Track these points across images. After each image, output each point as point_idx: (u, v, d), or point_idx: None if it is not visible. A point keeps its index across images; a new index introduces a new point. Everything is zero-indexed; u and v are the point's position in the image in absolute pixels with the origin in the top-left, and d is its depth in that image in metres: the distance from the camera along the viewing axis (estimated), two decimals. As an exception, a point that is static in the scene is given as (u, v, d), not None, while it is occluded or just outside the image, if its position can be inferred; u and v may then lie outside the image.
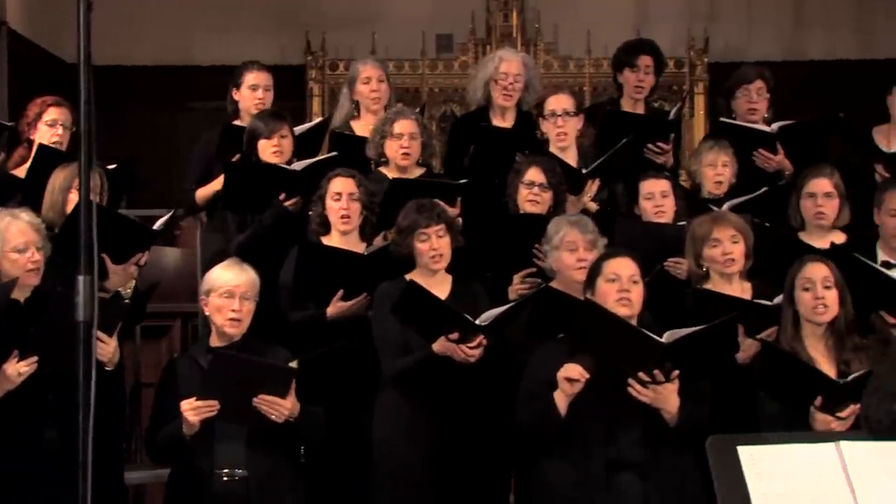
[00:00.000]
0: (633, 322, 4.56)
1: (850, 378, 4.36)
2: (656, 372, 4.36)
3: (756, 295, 4.99)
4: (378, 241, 5.48)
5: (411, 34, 10.13)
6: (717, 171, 5.83)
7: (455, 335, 4.79)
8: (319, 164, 5.69)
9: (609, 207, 5.85)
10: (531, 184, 5.47)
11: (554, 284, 5.07)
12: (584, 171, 5.70)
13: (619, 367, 4.40)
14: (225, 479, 4.69)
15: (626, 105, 6.44)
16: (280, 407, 4.59)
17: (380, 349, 5.03)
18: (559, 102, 5.88)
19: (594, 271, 4.67)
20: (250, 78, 6.27)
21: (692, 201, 5.70)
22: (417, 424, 4.96)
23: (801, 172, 5.66)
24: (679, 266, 5.28)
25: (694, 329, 4.34)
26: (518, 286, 5.31)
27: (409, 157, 5.78)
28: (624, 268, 4.60)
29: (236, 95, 6.29)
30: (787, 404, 4.47)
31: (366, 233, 5.50)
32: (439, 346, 4.83)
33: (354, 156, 5.85)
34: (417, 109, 6.40)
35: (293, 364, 4.67)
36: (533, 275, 5.31)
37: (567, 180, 5.63)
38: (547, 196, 5.47)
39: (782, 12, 10.92)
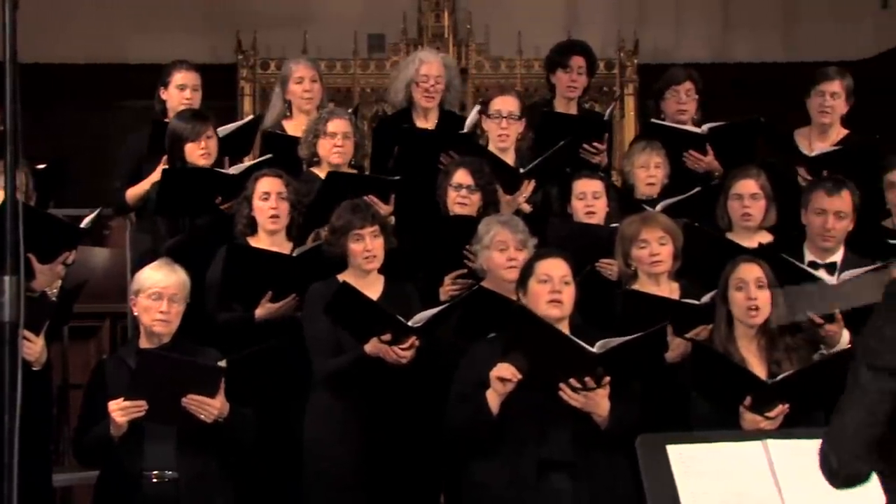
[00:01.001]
0: (565, 323, 4.58)
1: (778, 378, 4.42)
2: (588, 378, 4.38)
3: (684, 295, 5.03)
4: (310, 241, 5.45)
5: (343, 34, 10.11)
6: (649, 172, 5.88)
7: (387, 336, 4.79)
8: (255, 167, 5.66)
9: (543, 208, 5.87)
10: (459, 186, 5.48)
11: (484, 284, 5.09)
12: (521, 170, 5.72)
13: (550, 372, 4.42)
14: (154, 480, 4.65)
15: (559, 106, 6.48)
16: (209, 407, 4.56)
17: (311, 349, 5.01)
18: (505, 104, 5.88)
19: (526, 271, 4.69)
20: (178, 77, 6.22)
21: (626, 202, 5.74)
22: (349, 425, 4.95)
23: (729, 173, 5.72)
24: (610, 267, 5.32)
25: (626, 339, 4.36)
26: (449, 287, 5.32)
27: (343, 156, 5.77)
28: (556, 269, 4.62)
29: (164, 95, 6.25)
30: (718, 404, 4.52)
31: (293, 234, 5.47)
32: (371, 347, 4.83)
33: (286, 156, 5.83)
34: (351, 109, 6.39)
35: (222, 364, 4.64)
36: (464, 276, 5.32)
37: (503, 179, 5.65)
38: (475, 198, 5.48)
39: (710, 15, 11.03)
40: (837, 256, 5.28)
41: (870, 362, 2.64)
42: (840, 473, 2.66)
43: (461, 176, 5.49)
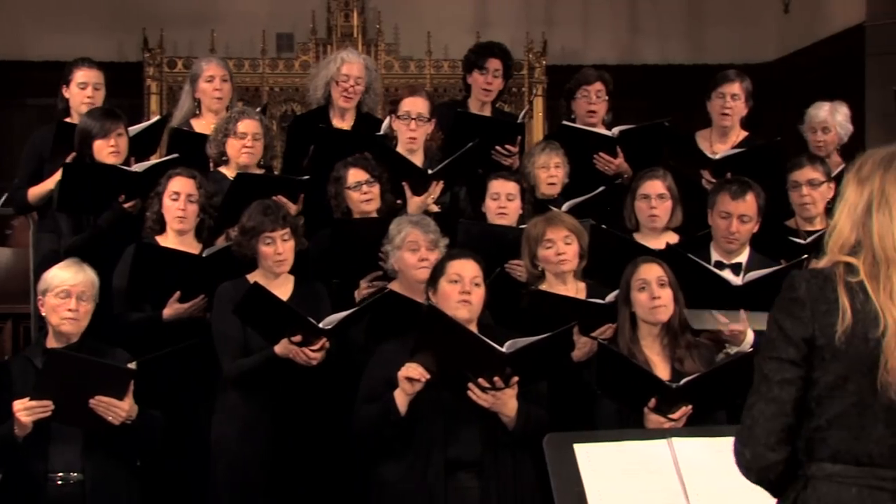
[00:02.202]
0: (473, 324, 4.60)
1: (682, 382, 4.48)
2: (496, 378, 4.40)
3: (590, 294, 5.07)
4: (220, 242, 5.41)
5: (251, 32, 10.04)
6: (549, 172, 5.91)
7: (297, 338, 4.78)
8: (160, 165, 5.61)
9: (451, 209, 5.89)
10: (357, 185, 5.48)
11: (395, 284, 5.09)
12: (430, 171, 5.73)
13: (459, 371, 4.43)
14: (59, 482, 4.60)
15: (473, 107, 6.50)
16: (117, 409, 4.51)
17: (220, 350, 4.98)
18: (415, 105, 5.89)
19: (437, 271, 4.70)
20: (80, 75, 6.15)
21: (539, 205, 5.76)
22: (257, 425, 4.93)
23: (636, 175, 5.78)
24: (518, 268, 5.34)
25: (534, 339, 4.39)
26: (365, 289, 5.32)
27: (252, 157, 5.75)
28: (467, 269, 4.64)
29: (66, 93, 6.17)
30: (623, 404, 4.57)
31: (202, 234, 5.43)
32: (281, 348, 4.81)
33: (194, 154, 5.79)
34: (259, 108, 6.36)
35: (132, 365, 4.59)
36: (378, 278, 5.32)
37: (411, 180, 5.66)
38: (375, 189, 5.50)
39: (617, 17, 11.15)
40: (743, 257, 5.35)
41: (771, 354, 2.74)
42: (753, 466, 2.73)
43: (355, 174, 5.50)
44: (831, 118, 6.43)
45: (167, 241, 5.36)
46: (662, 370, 4.67)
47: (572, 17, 11.03)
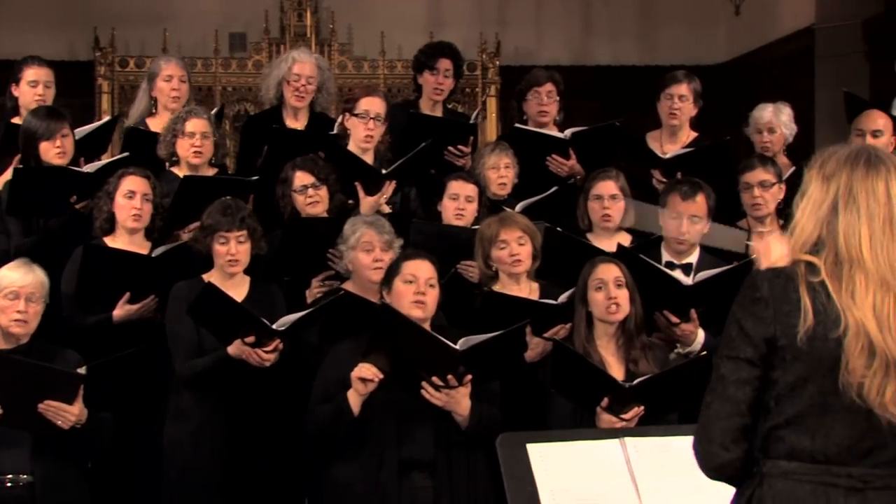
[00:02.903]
0: (426, 324, 4.60)
1: (635, 382, 4.50)
2: (450, 377, 4.41)
3: (543, 295, 5.08)
4: (182, 238, 5.38)
5: (204, 32, 10.01)
6: (499, 173, 5.91)
7: (251, 339, 4.76)
8: (111, 165, 5.57)
9: (402, 209, 5.89)
10: (304, 188, 5.47)
11: (349, 284, 5.08)
12: (384, 171, 5.73)
13: (413, 370, 4.44)
14: (9, 485, 4.56)
15: (425, 107, 6.50)
16: (66, 413, 4.47)
17: (173, 350, 4.96)
18: (374, 105, 5.88)
19: (392, 271, 4.70)
20: (29, 73, 6.11)
21: (494, 207, 5.76)
22: (209, 426, 4.92)
23: (589, 175, 5.81)
24: (471, 269, 5.35)
25: (487, 336, 4.40)
26: (317, 289, 5.30)
27: (201, 156, 5.72)
28: (422, 270, 4.64)
29: (16, 91, 6.13)
30: (577, 403, 4.59)
31: (152, 234, 5.40)
32: (235, 349, 4.79)
33: (150, 152, 5.76)
34: (216, 109, 6.33)
35: (82, 370, 4.56)
36: (330, 277, 5.31)
37: (364, 180, 5.65)
38: (323, 192, 5.48)
39: (570, 19, 11.20)
40: (693, 257, 5.39)
41: (728, 353, 2.75)
42: (709, 465, 2.75)
43: (302, 177, 5.49)
44: (776, 118, 6.48)
45: (116, 241, 5.33)
46: (617, 370, 4.69)
47: (525, 18, 11.06)
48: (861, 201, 2.71)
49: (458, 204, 5.59)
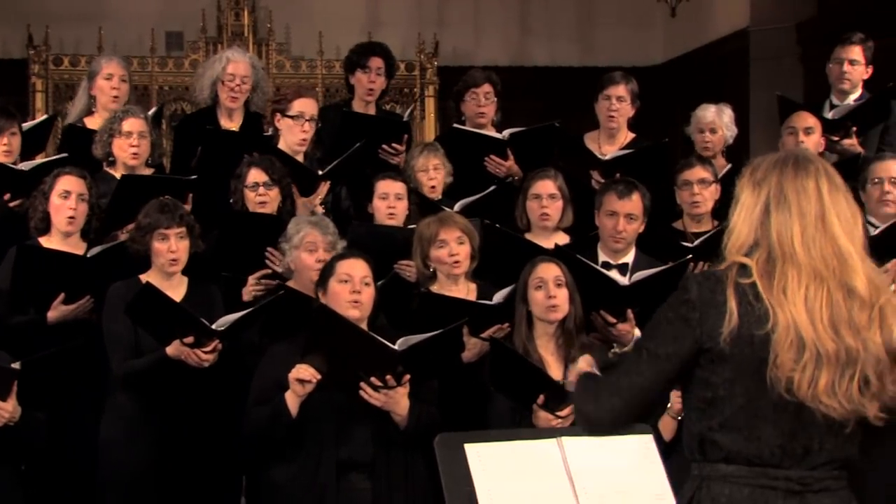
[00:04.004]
0: (364, 323, 4.60)
1: (570, 379, 4.52)
2: (388, 377, 4.41)
3: (481, 295, 5.10)
4: (120, 238, 5.33)
5: (140, 30, 9.95)
6: (429, 175, 5.93)
7: (190, 339, 4.74)
8: (48, 164, 5.52)
9: (333, 209, 5.88)
10: (255, 185, 5.45)
11: (291, 284, 5.07)
12: (319, 172, 5.72)
13: (351, 371, 4.43)
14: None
15: (358, 106, 6.49)
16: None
17: (110, 350, 4.93)
18: (307, 107, 5.86)
19: (327, 271, 4.68)
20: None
21: (425, 204, 5.77)
22: (146, 426, 4.89)
23: (527, 175, 5.83)
24: (408, 268, 5.35)
25: (425, 336, 4.41)
26: (252, 287, 5.28)
27: (138, 156, 5.69)
28: (356, 269, 4.63)
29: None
30: (515, 401, 4.60)
31: (88, 235, 5.35)
32: (173, 349, 4.77)
33: (87, 151, 5.71)
34: (154, 109, 6.28)
35: (16, 366, 4.50)
36: (268, 276, 5.28)
37: (299, 181, 5.64)
38: (273, 193, 5.46)
39: (508, 19, 11.24)
40: (629, 257, 5.42)
41: (648, 344, 2.85)
42: (590, 427, 2.91)
43: (255, 175, 5.46)
44: (718, 119, 6.54)
45: (51, 241, 5.28)
46: (556, 370, 4.71)
47: (463, 19, 11.09)
48: (792, 200, 2.76)
49: (388, 203, 5.59)
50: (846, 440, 2.77)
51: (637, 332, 5.03)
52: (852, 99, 6.46)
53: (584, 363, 3.17)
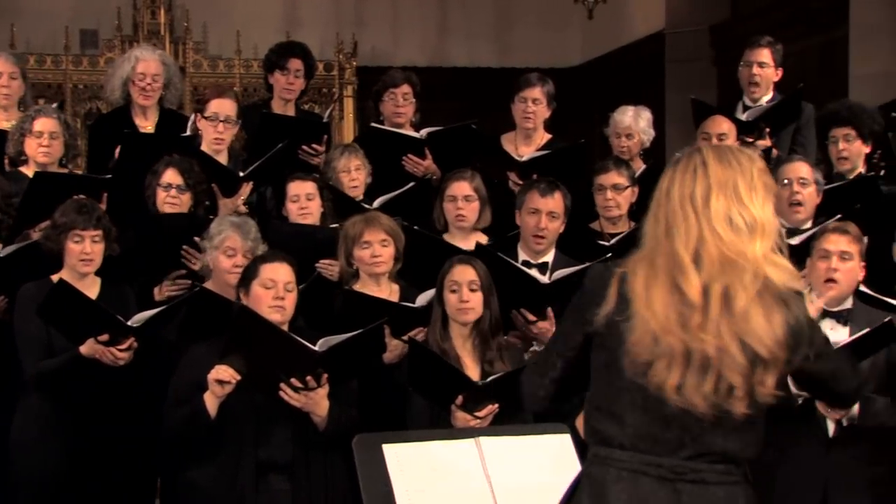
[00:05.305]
0: (285, 326, 4.58)
1: (488, 379, 4.55)
2: (309, 378, 4.40)
3: (402, 296, 5.11)
4: (33, 237, 5.26)
5: (54, 28, 9.81)
6: (350, 176, 5.91)
7: (104, 337, 4.69)
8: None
9: (258, 209, 5.85)
10: (168, 186, 5.41)
11: (209, 284, 5.04)
12: (241, 174, 5.69)
13: (271, 372, 4.41)
14: None
15: (276, 107, 6.46)
16: None
17: (22, 351, 4.86)
18: (222, 107, 5.83)
19: (250, 272, 4.64)
20: None
21: (341, 202, 5.77)
22: (59, 427, 4.84)
23: (444, 176, 5.84)
24: (330, 267, 5.34)
25: (346, 336, 4.40)
26: (167, 288, 5.24)
27: (50, 156, 5.63)
28: (280, 274, 4.59)
29: None
30: (433, 401, 4.62)
31: (1, 234, 5.27)
32: (87, 348, 4.72)
33: None
34: (55, 105, 6.20)
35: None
36: (184, 276, 5.24)
37: (221, 182, 5.60)
38: (185, 198, 5.43)
39: (426, 20, 11.27)
40: (549, 257, 5.45)
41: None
42: (525, 404, 3.01)
43: (171, 175, 5.42)
44: (635, 124, 6.60)
45: (-39, 243, 5.19)
46: (473, 370, 4.73)
47: (382, 19, 11.10)
48: (674, 196, 2.81)
49: (299, 204, 5.59)
50: (727, 434, 2.77)
51: (555, 331, 5.07)
52: (765, 100, 6.55)
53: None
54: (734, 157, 2.83)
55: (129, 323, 4.70)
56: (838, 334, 4.56)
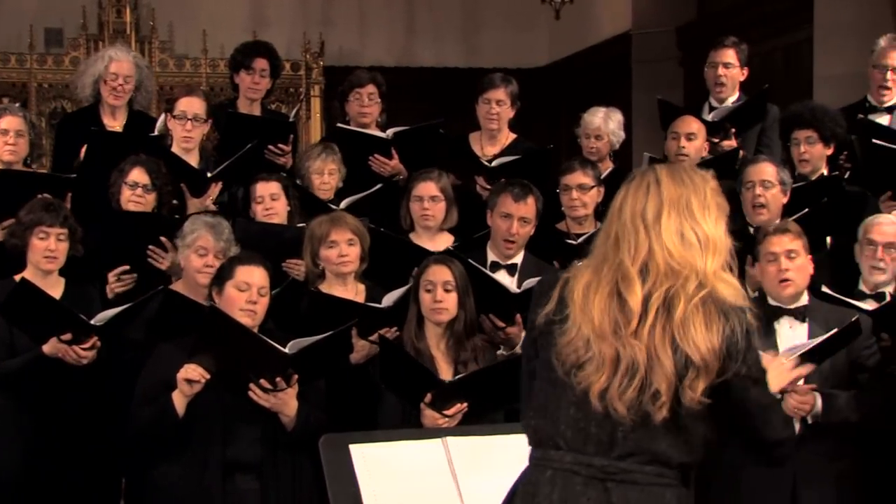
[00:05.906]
0: (255, 330, 4.57)
1: (456, 378, 4.55)
2: (278, 379, 4.39)
3: (368, 297, 5.11)
4: None
5: (18, 26, 9.75)
6: (322, 178, 5.90)
7: (67, 336, 4.66)
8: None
9: (229, 209, 5.84)
10: (135, 184, 5.39)
11: (179, 284, 5.03)
12: (209, 174, 5.67)
13: (241, 372, 4.40)
14: None
15: (242, 107, 6.44)
16: None
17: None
18: (191, 106, 5.81)
19: (225, 272, 4.62)
20: None
21: (307, 201, 5.76)
22: (20, 428, 4.82)
23: (411, 176, 5.84)
24: (296, 267, 5.34)
25: (315, 338, 4.40)
26: (114, 284, 5.21)
27: (15, 154, 5.60)
28: (255, 277, 4.58)
29: None
30: (403, 399, 4.62)
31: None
32: (50, 347, 4.70)
33: None
34: (18, 104, 6.16)
35: None
36: (150, 274, 5.21)
37: (190, 182, 5.58)
38: (150, 198, 5.41)
39: (394, 20, 11.27)
40: (518, 258, 5.46)
41: (526, 368, 2.96)
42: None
43: (137, 174, 5.41)
44: (604, 126, 6.61)
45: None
46: (446, 370, 4.73)
47: (349, 19, 11.10)
48: (625, 208, 2.85)
49: (264, 205, 5.57)
50: (653, 437, 2.77)
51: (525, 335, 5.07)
52: (731, 101, 6.58)
53: None
54: (688, 176, 2.86)
55: (92, 322, 4.68)
56: (797, 332, 4.61)
